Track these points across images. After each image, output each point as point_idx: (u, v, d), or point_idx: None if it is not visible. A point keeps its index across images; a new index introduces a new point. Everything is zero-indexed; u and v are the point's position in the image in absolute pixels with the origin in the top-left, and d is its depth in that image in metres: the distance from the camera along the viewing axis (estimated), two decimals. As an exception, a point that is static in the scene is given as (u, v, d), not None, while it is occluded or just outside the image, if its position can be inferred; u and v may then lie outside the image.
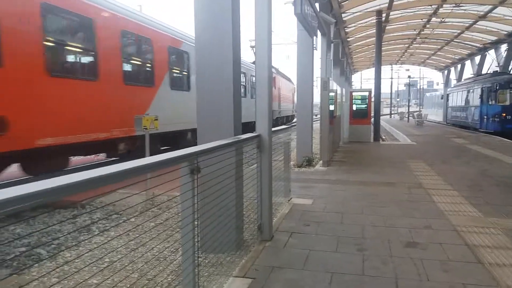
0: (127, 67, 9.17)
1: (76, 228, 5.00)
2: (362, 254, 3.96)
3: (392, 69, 51.91)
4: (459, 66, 34.38)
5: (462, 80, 32.18)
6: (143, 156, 3.74)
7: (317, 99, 12.09)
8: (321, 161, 10.00)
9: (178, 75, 11.71)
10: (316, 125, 13.16)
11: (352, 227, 4.82)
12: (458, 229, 4.71)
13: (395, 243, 4.25)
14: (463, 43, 27.49)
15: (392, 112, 56.86)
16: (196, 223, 2.76)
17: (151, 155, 4.67)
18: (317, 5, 10.02)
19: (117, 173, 1.91)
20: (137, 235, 4.11)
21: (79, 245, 4.34)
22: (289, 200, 6.09)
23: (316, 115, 26.20)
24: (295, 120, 19.19)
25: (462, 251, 4.01)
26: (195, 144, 3.58)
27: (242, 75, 16.99)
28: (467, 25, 22.10)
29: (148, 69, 10.02)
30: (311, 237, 4.50)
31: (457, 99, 30.61)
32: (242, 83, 17.03)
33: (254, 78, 16.34)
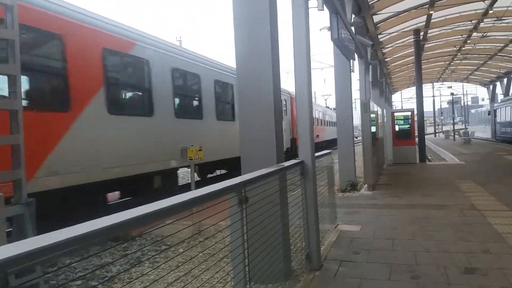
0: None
1: (127, 260, 5.13)
2: (417, 281, 3.80)
3: (433, 87, 50.56)
4: (505, 80, 32.97)
5: (510, 94, 30.79)
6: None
7: (357, 121, 11.98)
8: (365, 185, 9.77)
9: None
10: (358, 148, 12.95)
11: (404, 253, 4.64)
12: (520, 253, 4.42)
13: (452, 269, 4.04)
14: (508, 57, 26.44)
15: (437, 130, 55.08)
16: (246, 253, 2.76)
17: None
18: (352, 28, 10.05)
19: (169, 208, 1.96)
20: (188, 268, 4.15)
21: (131, 277, 4.44)
22: (335, 227, 5.96)
23: (357, 137, 25.73)
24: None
25: (527, 277, 3.75)
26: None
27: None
28: (511, 38, 21.31)
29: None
30: (361, 265, 4.36)
31: (506, 114, 29.30)
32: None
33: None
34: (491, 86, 37.63)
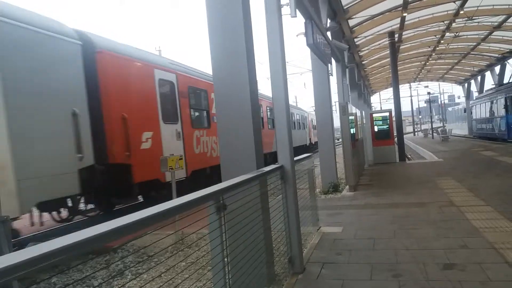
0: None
1: (109, 273, 5.06)
2: (398, 280, 3.85)
3: (410, 87, 51.45)
4: (479, 78, 33.84)
5: (484, 91, 31.62)
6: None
7: (337, 123, 12.14)
8: (347, 186, 9.88)
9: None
10: (339, 150, 13.08)
11: (385, 253, 4.71)
12: (496, 246, 4.53)
13: (431, 266, 4.12)
14: (480, 55, 27.17)
15: (416, 129, 56.01)
16: (226, 260, 2.77)
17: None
18: (328, 33, 10.18)
19: (147, 218, 1.96)
20: (170, 277, 4.12)
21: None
22: (318, 229, 6.01)
23: (338, 139, 26.19)
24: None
25: (503, 270, 3.85)
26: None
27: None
28: (482, 36, 21.92)
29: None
30: (344, 266, 4.41)
31: (481, 111, 30.04)
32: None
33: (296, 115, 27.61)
34: (466, 84, 38.58)
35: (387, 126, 16.31)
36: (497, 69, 29.45)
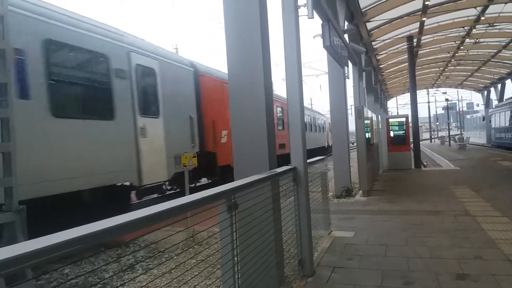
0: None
1: (120, 266, 5.12)
2: None
3: (428, 93, 50.79)
4: (499, 85, 33.18)
5: (504, 100, 30.97)
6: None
7: (352, 127, 12.06)
8: (360, 191, 9.79)
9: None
10: (354, 154, 12.98)
11: (397, 260, 4.65)
12: (512, 258, 4.43)
13: (444, 276, 4.05)
14: (501, 62, 26.64)
15: (432, 136, 55.23)
16: (236, 259, 2.76)
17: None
18: (346, 36, 10.11)
19: (159, 213, 1.97)
20: (180, 273, 4.14)
21: (124, 284, 4.42)
22: (329, 233, 5.96)
23: (352, 143, 26.16)
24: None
25: (518, 282, 3.76)
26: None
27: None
28: (503, 43, 21.49)
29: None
30: (354, 271, 4.37)
31: (500, 119, 29.45)
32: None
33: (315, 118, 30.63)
34: (485, 92, 37.84)
35: (403, 131, 16.09)
36: (519, 77, 28.86)
